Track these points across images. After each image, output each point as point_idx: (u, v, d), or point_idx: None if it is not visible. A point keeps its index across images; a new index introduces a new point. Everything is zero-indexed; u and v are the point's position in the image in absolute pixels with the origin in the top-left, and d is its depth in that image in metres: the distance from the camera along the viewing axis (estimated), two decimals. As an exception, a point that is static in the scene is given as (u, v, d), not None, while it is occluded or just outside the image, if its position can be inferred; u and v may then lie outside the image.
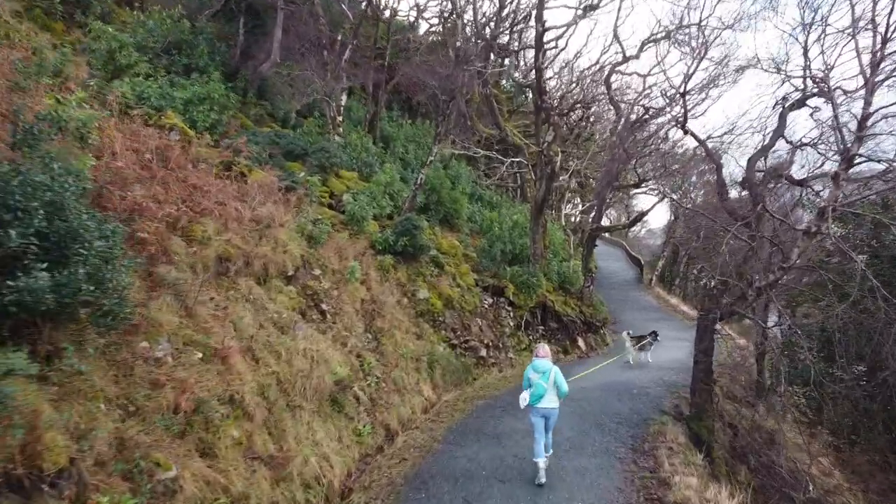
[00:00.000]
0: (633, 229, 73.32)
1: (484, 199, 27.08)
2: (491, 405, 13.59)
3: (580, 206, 30.43)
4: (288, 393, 9.70)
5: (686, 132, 14.49)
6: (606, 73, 21.91)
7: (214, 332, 8.88)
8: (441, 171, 22.39)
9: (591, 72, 25.82)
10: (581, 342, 21.42)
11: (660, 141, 26.39)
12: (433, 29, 33.12)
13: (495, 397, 14.24)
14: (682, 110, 14.30)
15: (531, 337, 20.14)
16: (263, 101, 23.01)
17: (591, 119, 32.78)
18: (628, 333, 20.65)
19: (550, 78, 28.42)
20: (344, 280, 14.66)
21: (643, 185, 27.55)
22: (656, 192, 45.26)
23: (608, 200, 32.48)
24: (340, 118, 20.10)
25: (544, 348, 10.81)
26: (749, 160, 13.85)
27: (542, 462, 9.92)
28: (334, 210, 17.34)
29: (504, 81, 30.33)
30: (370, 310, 14.74)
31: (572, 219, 31.66)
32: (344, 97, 20.32)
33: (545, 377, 10.18)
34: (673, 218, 44.08)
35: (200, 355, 8.38)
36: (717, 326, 21.06)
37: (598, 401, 14.07)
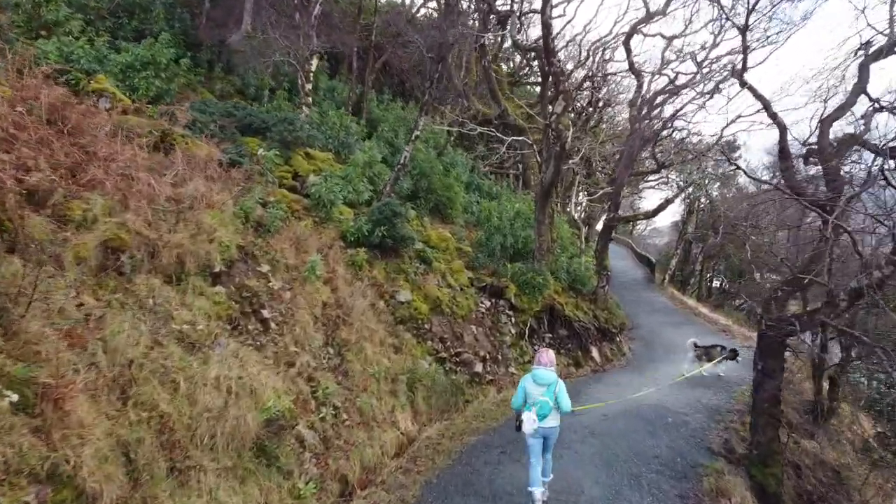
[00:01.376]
0: (637, 227, 70.28)
1: (482, 188, 23.90)
2: (486, 443, 10.42)
3: (585, 197, 27.13)
4: (178, 447, 6.52)
5: (744, 84, 11.27)
6: (626, 34, 18.73)
7: (52, 360, 5.70)
8: (431, 155, 19.26)
9: (604, 42, 22.64)
10: (595, 352, 18.25)
11: (684, 119, 23.20)
12: (430, 4, 30.03)
13: (492, 431, 11.08)
14: (741, 55, 11.06)
15: (536, 347, 16.93)
16: (233, 76, 19.85)
17: (601, 102, 29.55)
18: (694, 343, 17.47)
19: (559, 50, 25.21)
20: (301, 279, 11.54)
21: (662, 171, 24.38)
22: (670, 183, 42.17)
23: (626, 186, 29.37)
24: (310, 86, 16.93)
25: (548, 354, 8.67)
26: (821, 122, 10.60)
27: (538, 492, 8.23)
28: (297, 194, 14.20)
29: (507, 43, 27.04)
30: (334, 317, 11.60)
31: (579, 208, 28.36)
32: (314, 62, 17.17)
33: (549, 392, 8.26)
34: (686, 213, 40.84)
35: (15, 398, 5.24)
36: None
37: (625, 436, 10.90)
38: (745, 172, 16.84)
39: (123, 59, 14.21)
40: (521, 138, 19.36)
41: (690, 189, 30.68)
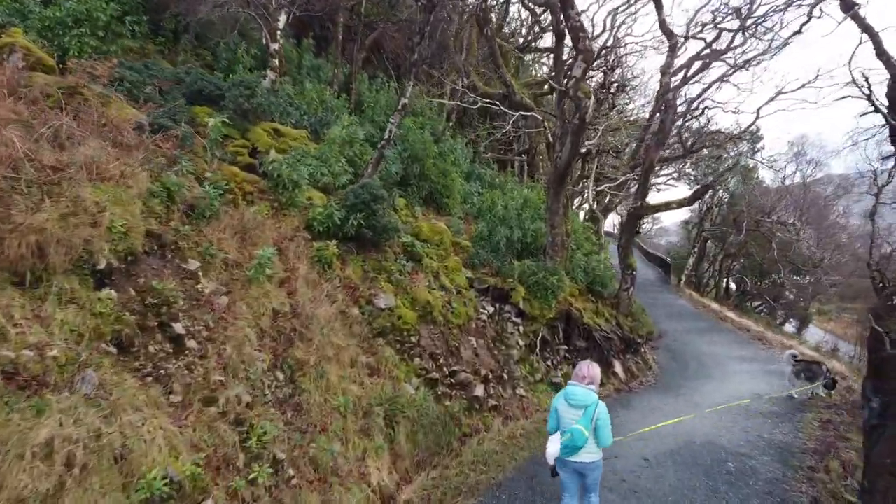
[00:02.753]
0: (643, 226, 67.16)
1: (484, 178, 20.97)
2: (489, 508, 7.51)
3: (605, 185, 24.18)
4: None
5: (849, 7, 8.36)
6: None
7: None
8: (426, 136, 16.34)
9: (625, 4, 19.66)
10: (619, 367, 15.33)
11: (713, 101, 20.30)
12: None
13: (499, 487, 8.16)
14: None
15: (550, 362, 14.05)
16: (203, 50, 16.92)
17: (615, 86, 26.63)
18: (794, 357, 14.50)
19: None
20: (245, 280, 8.70)
21: (690, 156, 21.48)
22: (683, 177, 39.26)
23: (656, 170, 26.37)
24: (277, 46, 14.04)
25: (590, 368, 6.69)
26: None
27: None
28: (255, 173, 11.35)
29: (512, 8, 24.04)
30: (287, 330, 8.76)
31: (595, 200, 25.40)
32: (282, 18, 14.29)
33: (585, 417, 6.36)
34: (705, 209, 37.89)
35: None
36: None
37: (677, 494, 7.98)
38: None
39: (51, 13, 11.48)
40: (529, 114, 16.48)
41: (727, 175, 27.51)
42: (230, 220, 9.41)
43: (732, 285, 43.16)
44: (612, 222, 58.80)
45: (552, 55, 19.37)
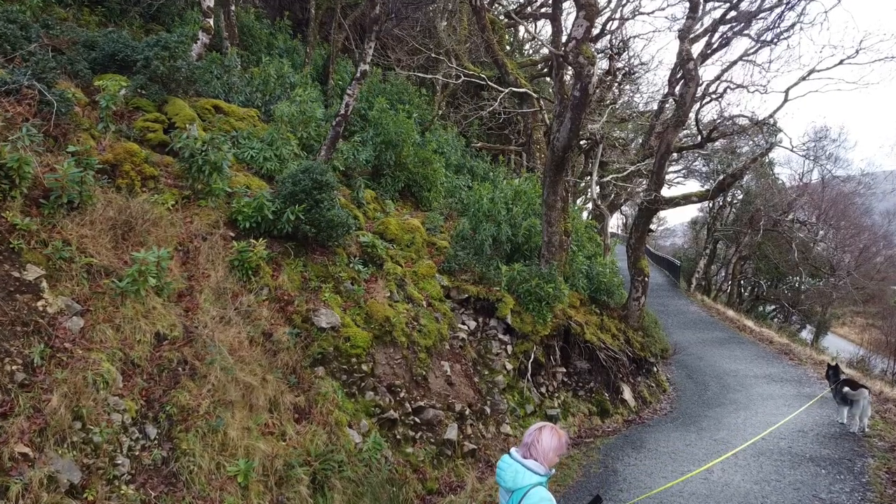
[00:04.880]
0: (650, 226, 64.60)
1: (476, 171, 18.45)
2: None
3: (610, 176, 21.59)
4: None
5: None
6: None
7: None
8: (401, 116, 13.83)
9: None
10: (628, 393, 12.79)
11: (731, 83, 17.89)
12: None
13: None
14: None
15: (545, 389, 11.52)
16: (155, 25, 14.44)
17: (622, 72, 24.10)
18: (834, 371, 11.86)
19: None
20: (115, 293, 6.26)
21: (707, 145, 18.92)
22: (695, 173, 36.76)
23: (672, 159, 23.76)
24: (210, 1, 11.54)
25: (542, 435, 3.93)
26: None
27: None
28: (168, 155, 8.94)
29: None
30: (172, 363, 6.29)
31: (596, 191, 22.83)
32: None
33: None
34: (718, 207, 35.32)
35: None
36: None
37: None
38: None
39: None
40: (522, 90, 14.04)
41: (755, 164, 24.87)
42: (107, 211, 6.95)
43: (745, 289, 40.71)
44: (616, 223, 56.44)
45: (549, 20, 16.88)
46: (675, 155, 27.07)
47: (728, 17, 15.18)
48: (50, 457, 4.70)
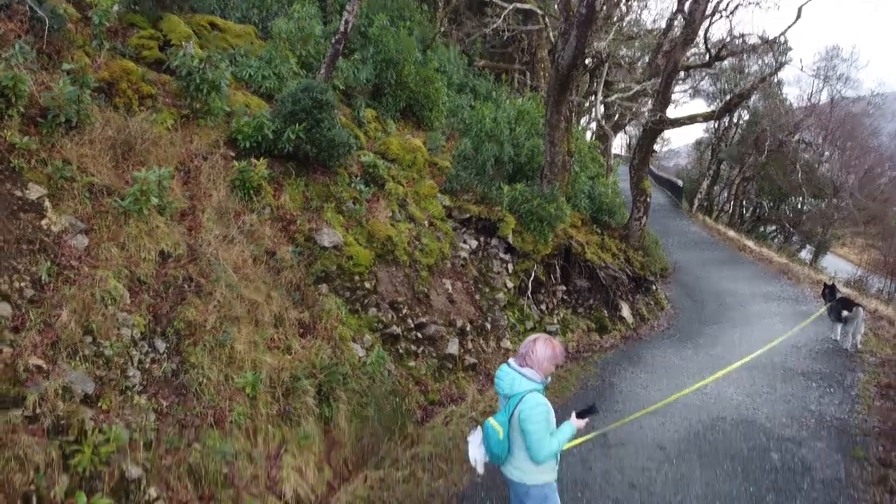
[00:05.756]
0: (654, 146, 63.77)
1: (479, 90, 18.12)
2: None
3: (616, 95, 21.19)
4: None
5: None
6: None
7: None
8: (402, 33, 13.49)
9: None
10: (626, 311, 13.02)
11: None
12: None
13: (457, 500, 5.92)
14: None
15: (545, 306, 11.74)
16: None
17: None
18: (830, 289, 12.14)
19: None
20: (118, 213, 6.30)
21: (715, 65, 18.51)
22: (701, 92, 36.12)
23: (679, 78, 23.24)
24: None
25: (536, 346, 4.08)
26: None
27: None
28: (164, 73, 8.78)
29: None
30: (178, 280, 6.40)
31: (600, 111, 22.48)
32: None
33: (505, 411, 4.02)
34: (724, 128, 34.85)
35: None
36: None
37: (702, 501, 5.80)
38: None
39: None
40: (526, 6, 13.64)
41: (763, 84, 24.36)
42: (105, 131, 6.91)
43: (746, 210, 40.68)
44: (619, 144, 55.77)
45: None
46: (682, 74, 26.54)
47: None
48: (63, 369, 4.86)
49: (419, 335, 8.98)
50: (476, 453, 4.18)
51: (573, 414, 4.09)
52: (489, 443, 4.04)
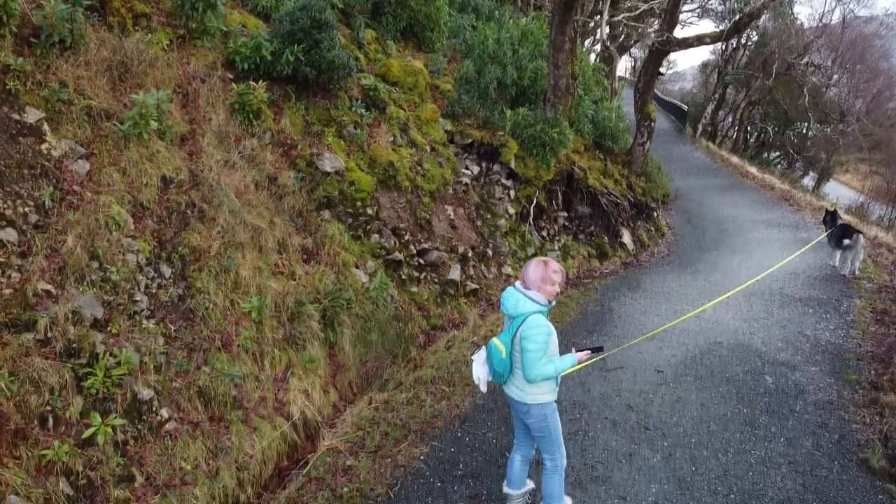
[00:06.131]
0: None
1: (481, 9, 17.57)
2: (447, 461, 5.49)
3: (622, 15, 20.51)
4: None
5: None
6: None
7: None
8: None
9: None
10: (627, 237, 13.06)
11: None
12: None
13: (461, 423, 6.09)
14: None
15: (546, 232, 11.78)
16: None
17: None
18: (832, 216, 12.11)
19: None
20: (118, 137, 6.25)
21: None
22: (710, 13, 35.06)
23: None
24: None
25: (538, 269, 4.14)
26: None
27: (512, 497, 4.60)
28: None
29: None
30: (181, 206, 6.40)
31: (606, 31, 21.83)
32: None
33: (508, 331, 4.10)
34: (731, 50, 34.00)
35: None
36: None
37: (699, 426, 5.98)
38: None
39: None
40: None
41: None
42: (101, 52, 6.74)
43: (750, 136, 40.20)
44: (623, 66, 54.48)
45: None
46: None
47: None
48: (72, 293, 4.91)
49: (421, 261, 9.04)
50: (479, 372, 4.30)
51: (573, 349, 4.18)
52: (492, 361, 4.16)
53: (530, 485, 4.63)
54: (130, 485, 4.57)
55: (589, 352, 4.12)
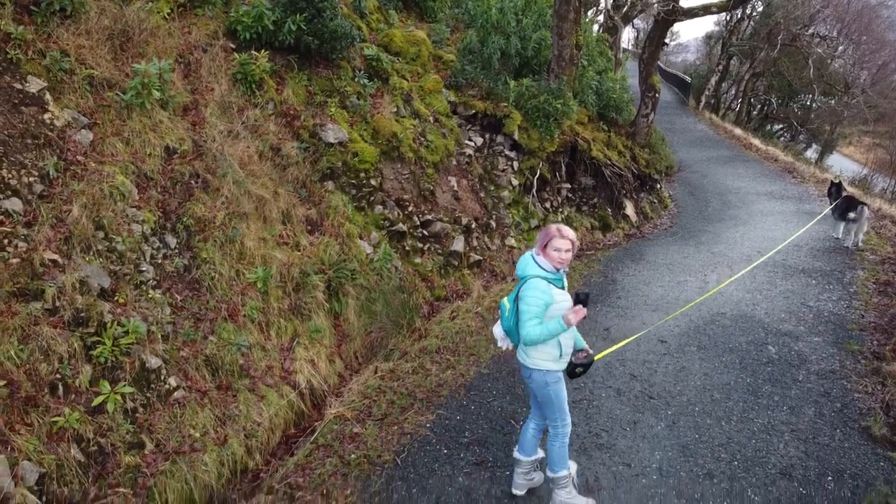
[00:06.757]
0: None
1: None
2: (452, 429, 5.53)
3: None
4: None
5: None
6: None
7: None
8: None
9: None
10: (630, 209, 13.04)
11: None
12: None
13: (467, 391, 6.13)
14: None
15: (549, 204, 11.76)
16: None
17: None
18: (837, 187, 12.02)
19: None
20: (120, 107, 6.21)
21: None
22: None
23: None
24: None
25: (548, 230, 4.13)
26: None
27: (521, 462, 4.61)
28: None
29: None
30: (185, 176, 6.38)
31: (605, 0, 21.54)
32: None
33: (515, 291, 4.21)
34: (736, 20, 33.59)
35: None
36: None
37: (702, 394, 6.02)
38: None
39: None
40: None
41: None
42: (101, 20, 6.67)
43: (754, 108, 39.88)
44: (627, 37, 53.84)
45: None
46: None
47: None
48: (78, 263, 4.92)
49: (425, 232, 9.04)
50: (497, 330, 4.42)
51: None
52: (502, 318, 4.31)
53: (540, 453, 4.68)
54: (140, 451, 4.63)
55: (574, 311, 3.98)
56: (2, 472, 3.70)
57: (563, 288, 4.08)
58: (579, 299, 3.88)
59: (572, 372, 4.28)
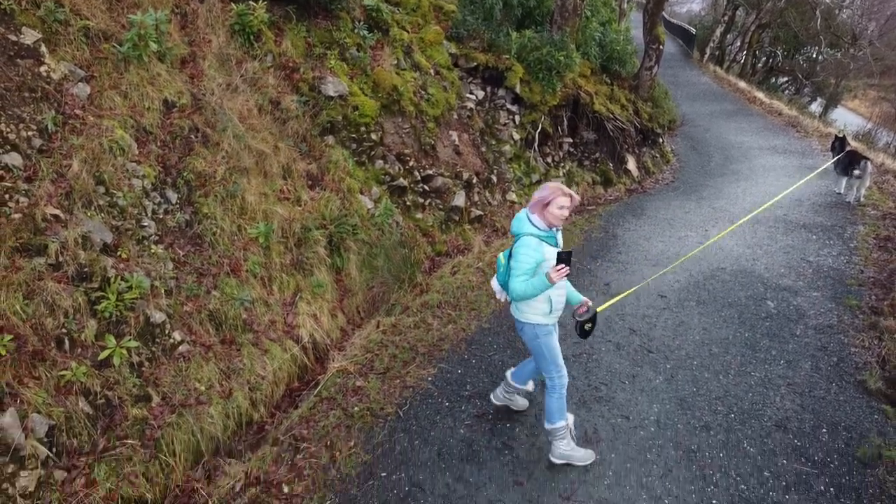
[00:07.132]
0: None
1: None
2: (454, 381, 5.62)
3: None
4: None
5: None
6: None
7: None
8: None
9: None
10: (632, 164, 12.95)
11: None
12: None
13: (468, 345, 6.21)
14: None
15: (551, 159, 11.69)
16: None
17: None
18: (841, 142, 11.79)
19: None
20: (117, 59, 6.14)
21: None
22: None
23: None
24: None
25: (543, 190, 4.14)
26: None
27: (508, 382, 4.89)
28: None
29: None
30: (184, 130, 6.33)
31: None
32: None
33: (510, 249, 4.31)
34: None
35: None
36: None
37: (700, 348, 6.09)
38: None
39: None
40: None
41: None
42: (95, -31, 6.52)
43: (759, 61, 39.25)
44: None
45: None
46: None
47: None
48: (80, 218, 4.92)
49: (426, 187, 9.01)
50: (495, 283, 4.54)
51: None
52: (498, 273, 4.44)
53: (530, 386, 4.83)
54: (147, 404, 4.71)
55: (557, 269, 3.98)
56: (12, 424, 3.78)
57: (555, 245, 4.11)
58: (561, 259, 3.91)
59: (582, 331, 4.33)
